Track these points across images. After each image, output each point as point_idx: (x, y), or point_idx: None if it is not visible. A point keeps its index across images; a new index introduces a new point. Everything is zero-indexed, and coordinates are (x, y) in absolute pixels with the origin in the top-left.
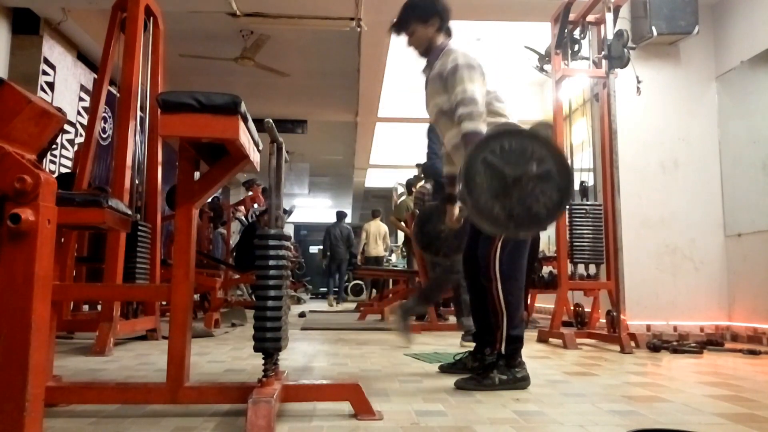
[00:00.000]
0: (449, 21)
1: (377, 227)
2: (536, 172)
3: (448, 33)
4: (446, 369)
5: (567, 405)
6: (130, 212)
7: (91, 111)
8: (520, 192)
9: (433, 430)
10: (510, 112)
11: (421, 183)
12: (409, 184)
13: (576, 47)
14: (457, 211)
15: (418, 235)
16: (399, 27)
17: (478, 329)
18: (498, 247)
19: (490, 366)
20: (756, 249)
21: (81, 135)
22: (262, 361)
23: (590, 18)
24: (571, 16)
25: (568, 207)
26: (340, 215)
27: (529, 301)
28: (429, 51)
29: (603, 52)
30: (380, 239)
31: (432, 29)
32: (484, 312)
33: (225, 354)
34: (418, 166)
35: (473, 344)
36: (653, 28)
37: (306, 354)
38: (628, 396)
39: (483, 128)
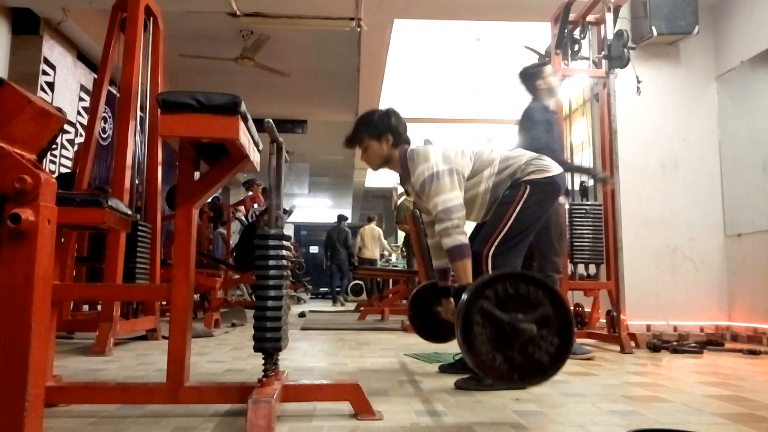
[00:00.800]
0: (405, 133)
1: (371, 231)
2: (534, 317)
3: (407, 142)
4: (446, 369)
5: (567, 405)
6: (130, 212)
7: (91, 111)
8: (519, 339)
9: (433, 430)
10: (500, 152)
11: None
12: None
13: (576, 47)
14: (452, 305)
15: (414, 318)
16: (353, 141)
17: None
18: (494, 246)
19: None
20: (756, 249)
21: (81, 135)
22: (262, 361)
23: (590, 18)
24: (571, 16)
25: (567, 207)
26: (340, 218)
27: None
28: (387, 165)
29: (603, 52)
30: (375, 242)
31: (386, 145)
32: None
33: (225, 354)
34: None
35: None
36: (653, 28)
37: (306, 354)
38: (628, 396)
39: (462, 239)
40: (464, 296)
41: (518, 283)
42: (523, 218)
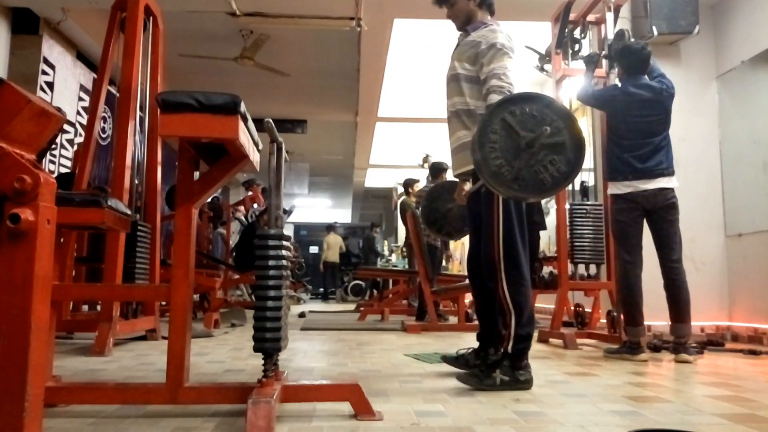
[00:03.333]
0: None
1: (334, 239)
2: (550, 140)
3: (490, 9)
4: (449, 361)
5: (567, 405)
6: (129, 212)
7: (91, 111)
8: (530, 156)
9: (433, 430)
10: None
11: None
12: (407, 184)
13: (576, 47)
14: (467, 186)
15: (426, 210)
16: None
17: (482, 330)
18: (501, 246)
19: (493, 365)
20: (756, 249)
21: (80, 135)
22: (262, 362)
23: (591, 18)
24: (572, 16)
25: (568, 207)
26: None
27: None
28: (468, 24)
29: (603, 52)
30: (336, 249)
31: (473, 2)
32: (489, 313)
33: (224, 354)
34: (425, 161)
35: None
36: (654, 28)
37: (306, 354)
38: (628, 396)
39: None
40: (491, 105)
41: (543, 109)
42: (508, 206)
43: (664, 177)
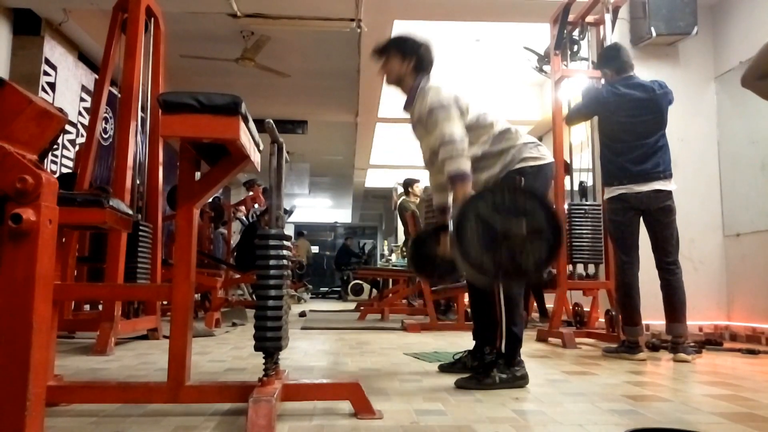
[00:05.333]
0: (429, 67)
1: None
2: (527, 227)
3: (427, 73)
4: (446, 368)
5: (566, 404)
6: (131, 212)
7: (92, 111)
8: (509, 245)
9: (432, 429)
10: (499, 122)
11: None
12: (407, 184)
13: (575, 48)
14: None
15: (413, 258)
16: (381, 51)
17: (477, 328)
18: None
19: (490, 365)
20: (755, 249)
21: (82, 135)
22: (263, 361)
23: (589, 19)
24: (571, 17)
25: (567, 207)
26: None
27: (530, 301)
28: (398, 85)
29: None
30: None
31: (407, 66)
32: (484, 310)
33: (226, 353)
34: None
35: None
36: (652, 29)
37: (306, 353)
38: (627, 395)
39: (465, 166)
40: (464, 200)
41: (516, 194)
42: None
43: (660, 180)
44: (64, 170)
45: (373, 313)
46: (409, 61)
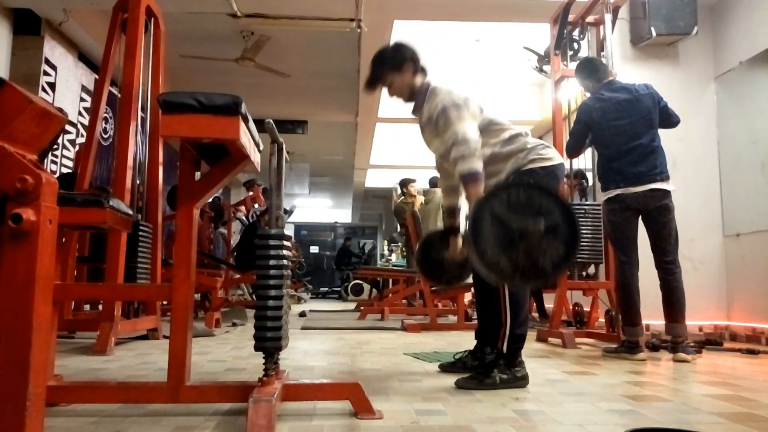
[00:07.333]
0: (420, 61)
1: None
2: (543, 225)
3: (424, 72)
4: (446, 368)
5: (566, 404)
6: (131, 212)
7: (92, 111)
8: (526, 245)
9: (432, 429)
10: (510, 126)
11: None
12: (402, 184)
13: (575, 48)
14: (459, 242)
15: (421, 262)
16: (375, 82)
17: (479, 327)
18: None
19: (490, 365)
20: (754, 249)
21: (82, 135)
22: (263, 361)
23: (589, 19)
24: (571, 17)
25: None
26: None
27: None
28: (413, 96)
29: (602, 53)
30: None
31: (408, 75)
32: (487, 310)
33: (226, 353)
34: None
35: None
36: (652, 29)
37: (306, 353)
38: (627, 395)
39: (478, 166)
40: (478, 199)
41: (531, 191)
42: None
43: (656, 182)
44: (64, 170)
45: (373, 313)
46: (407, 70)
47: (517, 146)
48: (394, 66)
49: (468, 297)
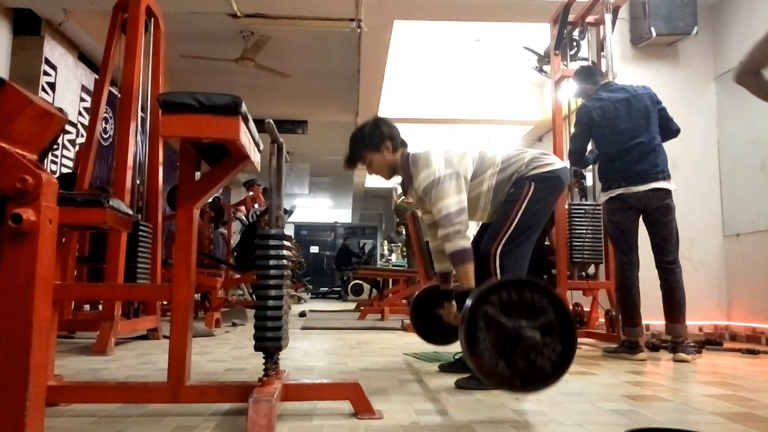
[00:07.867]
0: (399, 136)
1: None
2: (537, 323)
3: (404, 144)
4: (446, 368)
5: (566, 404)
6: (131, 212)
7: (92, 111)
8: (522, 345)
9: (432, 429)
10: (500, 152)
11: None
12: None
13: (575, 48)
14: (454, 308)
15: (416, 321)
16: (354, 161)
17: None
18: (501, 244)
19: None
20: (754, 249)
21: (82, 135)
22: (263, 361)
23: (589, 19)
24: (571, 17)
25: (567, 207)
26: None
27: None
28: (395, 172)
29: (602, 53)
30: None
31: (388, 153)
32: None
33: (226, 353)
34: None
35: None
36: (652, 29)
37: (306, 353)
38: (627, 395)
39: (463, 244)
40: (469, 302)
41: (522, 290)
42: (530, 215)
43: (659, 181)
44: (64, 170)
45: (373, 313)
46: (385, 147)
47: (516, 163)
48: (372, 145)
49: None
